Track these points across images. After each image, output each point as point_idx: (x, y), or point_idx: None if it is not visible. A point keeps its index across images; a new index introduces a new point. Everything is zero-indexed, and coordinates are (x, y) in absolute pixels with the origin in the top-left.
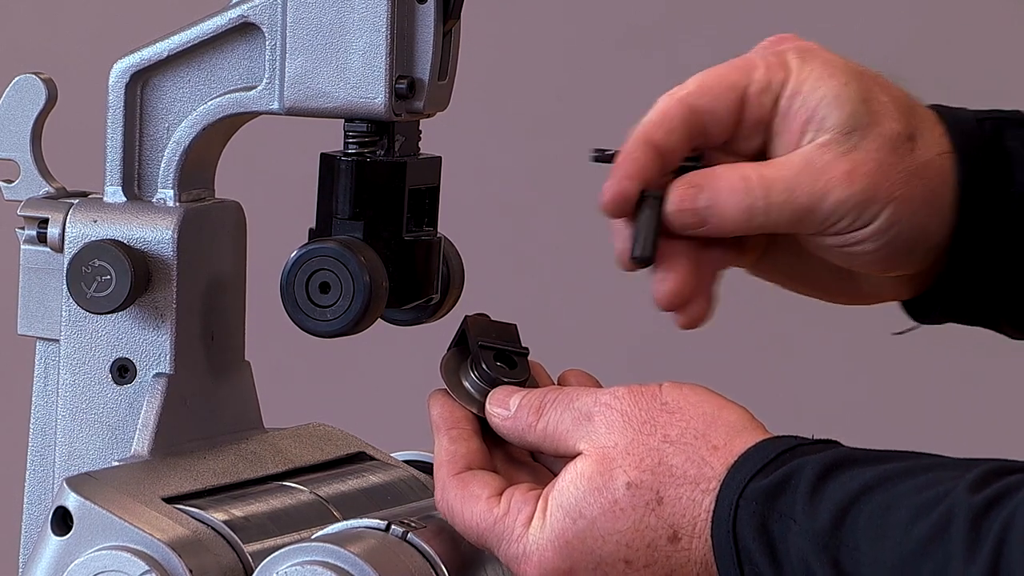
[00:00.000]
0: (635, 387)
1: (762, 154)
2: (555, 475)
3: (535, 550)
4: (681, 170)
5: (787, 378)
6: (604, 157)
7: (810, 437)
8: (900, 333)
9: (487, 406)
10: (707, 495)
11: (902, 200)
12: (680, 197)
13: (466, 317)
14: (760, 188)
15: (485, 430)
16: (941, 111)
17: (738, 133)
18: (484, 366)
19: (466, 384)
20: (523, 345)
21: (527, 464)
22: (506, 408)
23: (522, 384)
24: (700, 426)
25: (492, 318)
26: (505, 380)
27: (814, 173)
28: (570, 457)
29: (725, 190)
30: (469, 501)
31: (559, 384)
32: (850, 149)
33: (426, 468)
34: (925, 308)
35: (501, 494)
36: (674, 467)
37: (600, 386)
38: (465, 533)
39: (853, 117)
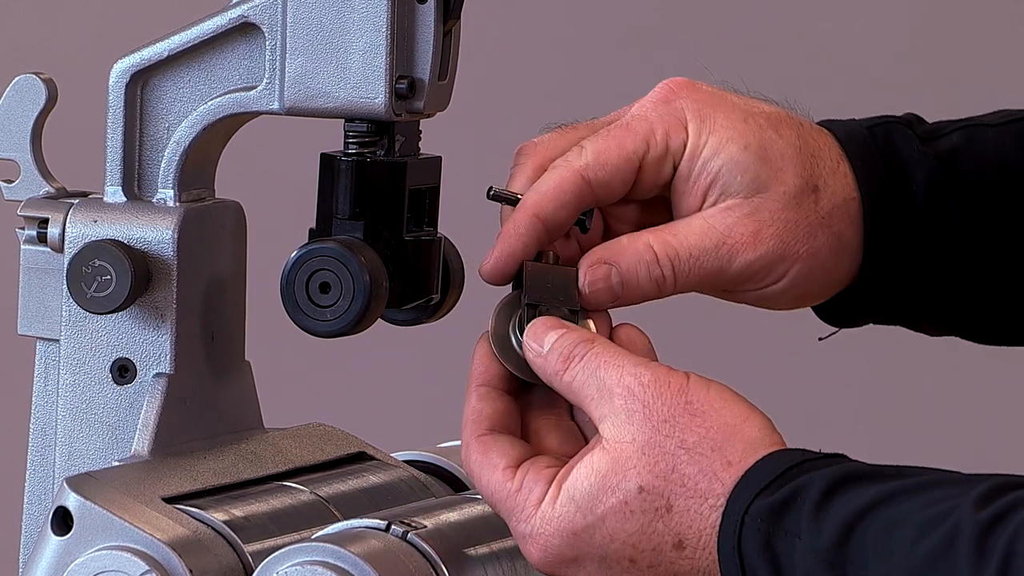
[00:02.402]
0: (662, 374)
1: (658, 200)
2: (585, 441)
3: (541, 533)
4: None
5: (787, 377)
6: (500, 198)
7: (818, 451)
8: (825, 338)
9: (524, 338)
10: (714, 511)
11: (809, 254)
12: (593, 277)
13: (524, 263)
14: (666, 259)
15: (522, 386)
16: (836, 131)
17: (631, 194)
18: (519, 335)
19: (512, 339)
20: (577, 294)
21: (558, 427)
22: (540, 345)
23: None
24: (719, 438)
25: (555, 259)
26: None
27: (718, 237)
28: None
29: (633, 264)
30: (487, 468)
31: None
32: (754, 211)
33: (426, 468)
34: (841, 314)
35: (518, 465)
36: (686, 477)
37: (652, 348)
38: (482, 495)
39: (756, 180)
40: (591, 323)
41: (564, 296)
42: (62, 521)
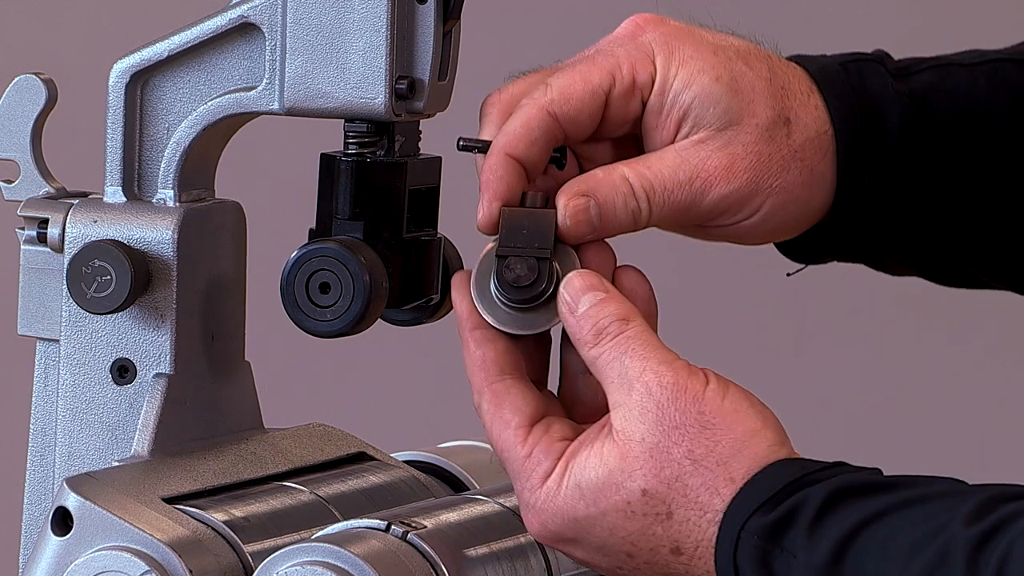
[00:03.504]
0: (682, 378)
1: (629, 139)
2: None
3: (544, 510)
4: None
5: (786, 375)
6: (470, 147)
7: (818, 462)
8: (792, 274)
9: (561, 289)
10: (712, 525)
11: (782, 188)
12: (573, 209)
13: (502, 208)
14: (641, 191)
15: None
16: (807, 66)
17: (601, 130)
18: (496, 285)
19: (492, 288)
20: (551, 238)
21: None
22: (575, 303)
23: (539, 297)
24: (726, 452)
25: (543, 200)
26: (514, 304)
27: (692, 170)
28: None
29: (610, 196)
30: (499, 424)
31: (615, 284)
32: (727, 143)
33: (426, 468)
34: (808, 251)
35: (530, 426)
36: (689, 488)
37: (653, 295)
38: (491, 444)
39: (727, 113)
40: (575, 259)
41: (540, 240)
42: (62, 521)
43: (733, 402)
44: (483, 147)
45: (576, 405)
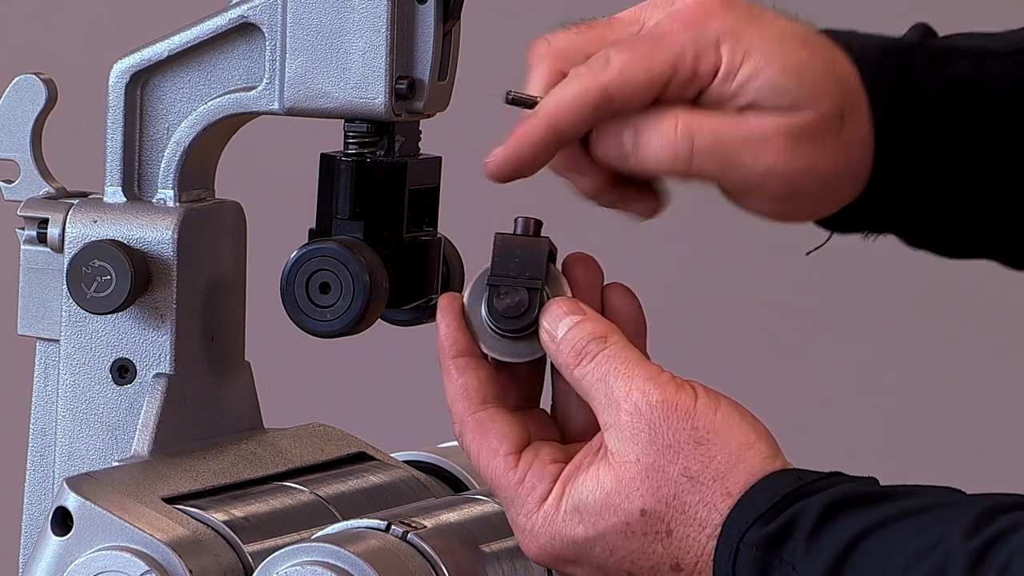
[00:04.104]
0: (670, 394)
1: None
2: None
3: (542, 534)
4: None
5: (786, 375)
6: (520, 102)
7: (815, 472)
8: (812, 252)
9: (541, 319)
10: (711, 540)
11: (827, 177)
12: (605, 131)
13: (496, 234)
14: (685, 133)
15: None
16: (852, 52)
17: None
18: (487, 313)
19: (483, 315)
20: (544, 268)
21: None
22: (554, 330)
23: (529, 327)
24: (722, 467)
25: (535, 227)
26: (504, 333)
27: (750, 132)
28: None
29: (651, 129)
30: (486, 452)
31: (604, 302)
32: (787, 124)
33: (426, 468)
34: (835, 222)
35: (519, 452)
36: (687, 505)
37: (641, 312)
38: (480, 474)
39: (795, 100)
40: (566, 287)
41: (531, 270)
42: (62, 521)
43: (725, 415)
44: (531, 105)
45: (568, 425)
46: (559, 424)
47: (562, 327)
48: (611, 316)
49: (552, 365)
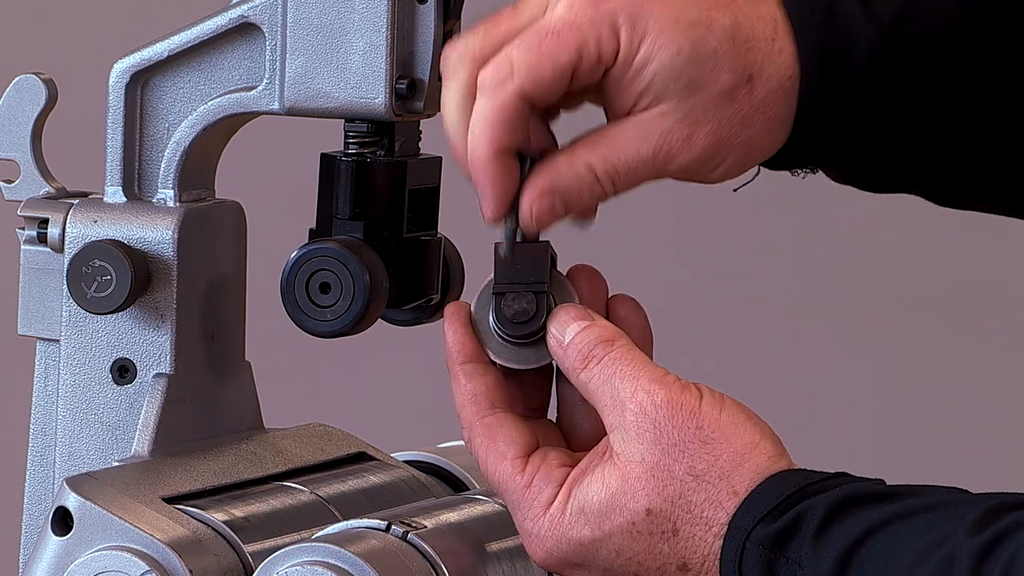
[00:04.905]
0: (675, 394)
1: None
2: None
3: (549, 537)
4: None
5: (785, 376)
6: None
7: (820, 472)
8: (738, 189)
9: (548, 325)
10: (717, 539)
11: (744, 143)
12: (538, 211)
13: (495, 245)
14: (606, 176)
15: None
16: None
17: (563, 102)
18: (494, 319)
19: (490, 322)
20: (547, 270)
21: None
22: (562, 335)
23: (538, 332)
24: (727, 466)
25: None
26: (513, 339)
27: (654, 145)
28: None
29: (575, 187)
30: (494, 456)
31: (609, 313)
32: (687, 113)
33: (426, 468)
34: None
35: (527, 456)
36: (693, 504)
37: (647, 322)
38: (487, 481)
39: (689, 84)
40: (573, 294)
41: (535, 274)
42: (62, 521)
43: (730, 415)
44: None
45: (575, 435)
46: (565, 434)
47: (569, 332)
48: (618, 327)
49: (559, 374)
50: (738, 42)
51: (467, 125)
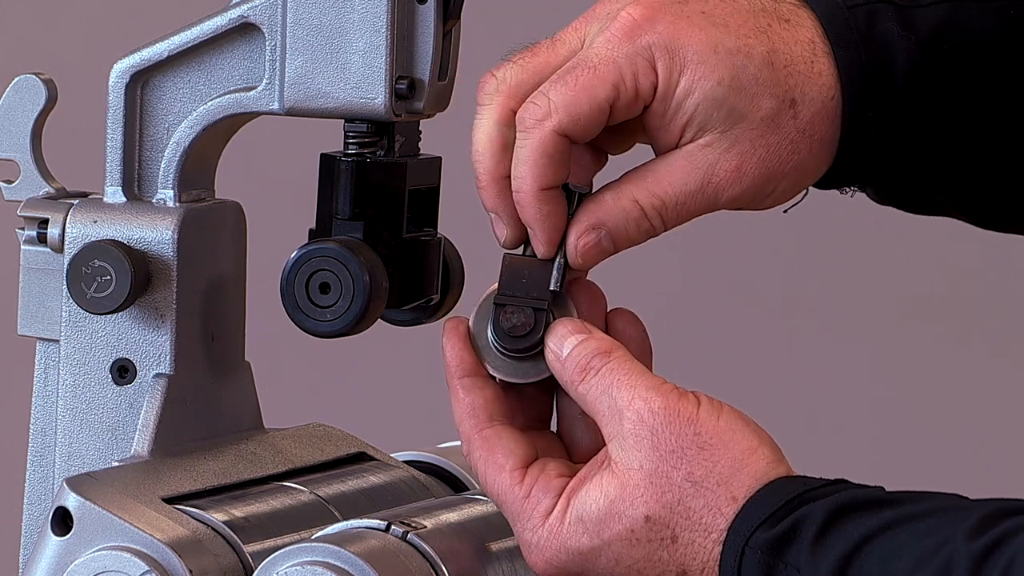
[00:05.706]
0: (672, 402)
1: (632, 127)
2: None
3: (548, 547)
4: None
5: (784, 385)
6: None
7: (818, 479)
8: (788, 210)
9: (546, 339)
10: (716, 545)
11: (793, 169)
12: (584, 248)
13: (504, 255)
14: (654, 211)
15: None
16: (815, 9)
17: (603, 138)
18: (493, 333)
19: (489, 335)
20: (549, 290)
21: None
22: (560, 349)
23: (535, 347)
24: (726, 472)
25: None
26: (510, 353)
27: (702, 177)
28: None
29: (622, 224)
30: (492, 468)
31: (608, 327)
32: (733, 143)
33: (426, 468)
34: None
35: (525, 467)
36: (692, 510)
37: (646, 335)
38: (486, 493)
39: (732, 112)
40: (573, 309)
41: (538, 291)
42: (62, 521)
43: (728, 421)
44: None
45: (575, 449)
46: (566, 447)
47: (567, 346)
48: (617, 340)
49: (559, 389)
50: (777, 67)
51: (492, 153)
